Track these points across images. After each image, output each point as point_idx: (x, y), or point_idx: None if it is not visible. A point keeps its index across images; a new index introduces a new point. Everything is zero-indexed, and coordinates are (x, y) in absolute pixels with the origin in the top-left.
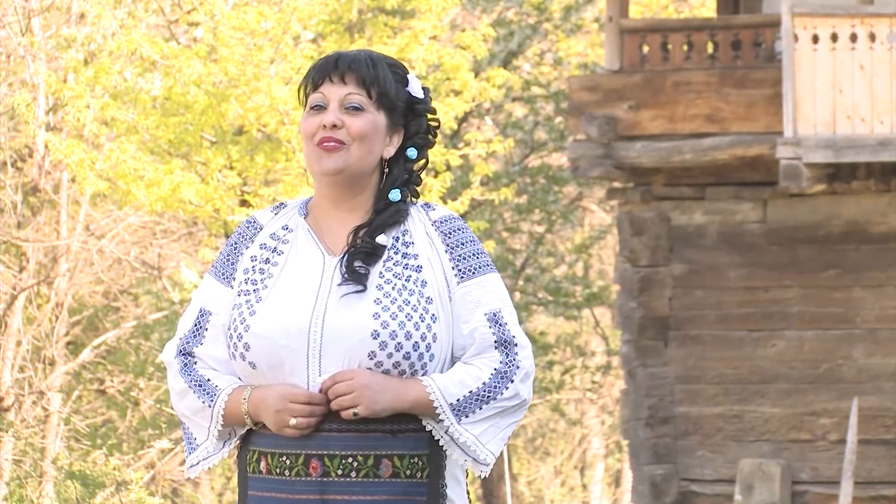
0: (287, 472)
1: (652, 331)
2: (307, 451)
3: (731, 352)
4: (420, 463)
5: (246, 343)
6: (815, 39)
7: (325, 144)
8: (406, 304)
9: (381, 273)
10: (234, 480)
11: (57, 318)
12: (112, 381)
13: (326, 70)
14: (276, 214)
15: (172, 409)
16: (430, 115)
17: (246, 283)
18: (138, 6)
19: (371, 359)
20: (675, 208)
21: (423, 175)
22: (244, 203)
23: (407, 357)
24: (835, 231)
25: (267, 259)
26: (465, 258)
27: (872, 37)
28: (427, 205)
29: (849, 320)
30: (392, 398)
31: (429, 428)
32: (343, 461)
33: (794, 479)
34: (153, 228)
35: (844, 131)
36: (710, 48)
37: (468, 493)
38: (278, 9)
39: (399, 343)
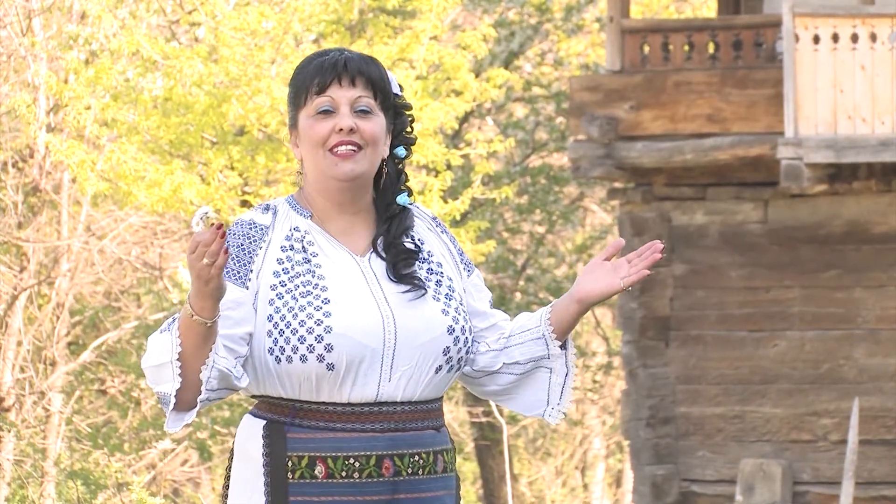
0: (356, 475)
1: (653, 331)
2: (378, 452)
3: (732, 352)
4: (453, 456)
5: (328, 344)
6: (817, 39)
7: (342, 149)
8: (452, 300)
9: (424, 275)
10: None
11: (58, 318)
12: (113, 381)
13: (336, 72)
14: (267, 214)
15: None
16: (406, 112)
17: (288, 285)
18: (139, 6)
19: (445, 354)
20: (676, 208)
21: (421, 173)
22: (245, 203)
23: (468, 350)
24: (836, 231)
25: (305, 260)
26: (461, 253)
27: (873, 37)
28: (414, 203)
29: (850, 320)
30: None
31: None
32: (411, 459)
33: (796, 479)
34: (154, 229)
35: (845, 131)
36: (711, 48)
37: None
38: (279, 9)
39: (466, 338)
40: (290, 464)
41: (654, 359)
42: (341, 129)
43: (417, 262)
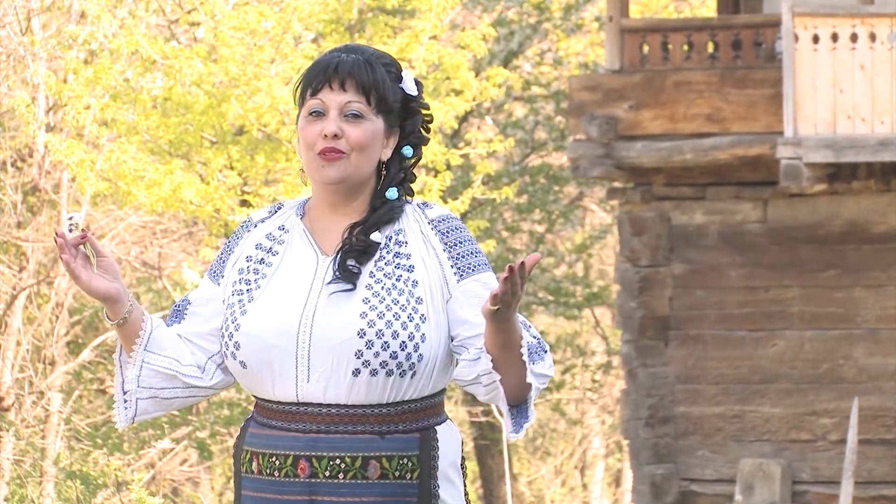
0: (276, 473)
1: (652, 331)
2: (295, 452)
3: (732, 351)
4: (410, 464)
5: (237, 342)
6: (816, 39)
7: (327, 155)
8: (395, 304)
9: (371, 272)
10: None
11: (57, 317)
12: (112, 380)
13: (326, 76)
14: (272, 214)
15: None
16: (423, 111)
17: (239, 282)
18: (139, 6)
19: (358, 357)
20: (676, 208)
21: (421, 173)
22: (244, 203)
23: (394, 356)
24: (835, 231)
25: (262, 259)
26: (463, 257)
27: (873, 37)
28: (424, 204)
29: (849, 320)
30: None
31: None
32: (331, 462)
33: (795, 478)
34: (153, 228)
35: (845, 131)
36: (710, 48)
37: (466, 493)
38: (279, 9)
39: (386, 342)
40: (242, 457)
41: (654, 358)
42: (326, 135)
43: (382, 261)
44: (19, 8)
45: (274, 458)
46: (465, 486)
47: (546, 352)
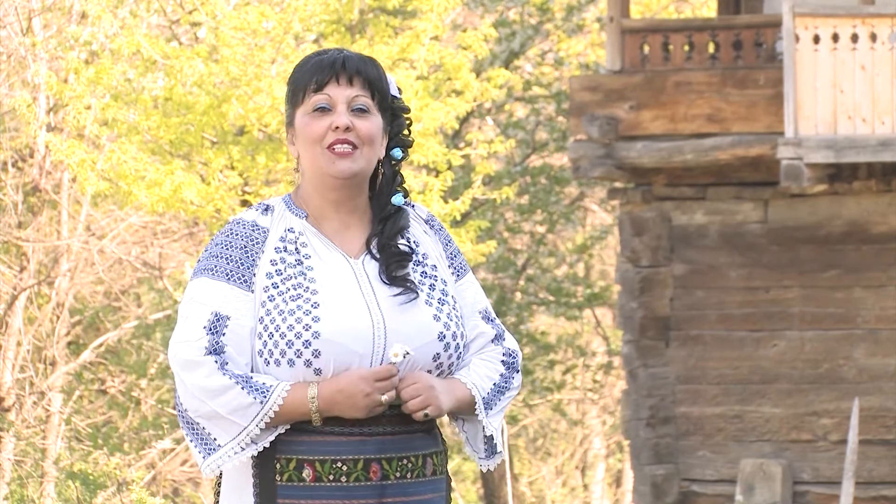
0: (344, 478)
1: (653, 331)
2: (366, 456)
3: (732, 352)
4: (443, 459)
5: (316, 350)
6: (817, 39)
7: (339, 148)
8: (445, 305)
9: (415, 278)
10: None
11: (58, 318)
12: (113, 381)
13: (334, 70)
14: (267, 215)
15: (178, 409)
16: (404, 114)
17: (280, 287)
18: (140, 6)
19: (435, 360)
20: (676, 208)
21: (421, 173)
22: (245, 203)
23: (459, 357)
24: (835, 231)
25: (297, 262)
26: (454, 256)
27: (873, 37)
28: (410, 203)
29: (849, 320)
30: (450, 398)
31: (455, 427)
32: (399, 463)
33: (796, 479)
34: (154, 229)
35: (845, 131)
36: (711, 48)
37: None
38: (280, 9)
39: (457, 344)
40: (278, 466)
41: (654, 359)
42: (337, 127)
43: (411, 265)
44: (20, 8)
45: (340, 464)
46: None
47: (509, 386)
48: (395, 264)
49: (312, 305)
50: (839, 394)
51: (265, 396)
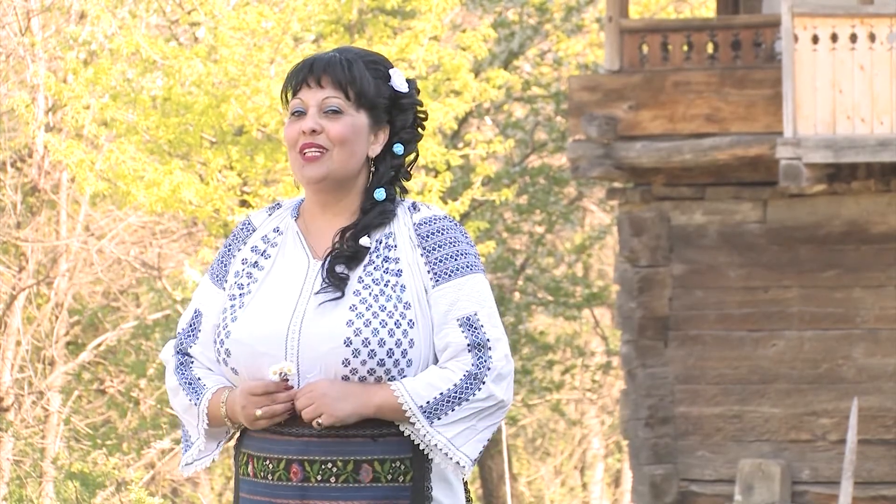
0: (270, 476)
1: (652, 331)
2: (288, 456)
3: (731, 352)
4: (402, 467)
5: (227, 349)
6: (815, 39)
7: (306, 152)
8: (382, 311)
9: (360, 278)
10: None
11: (57, 318)
12: (112, 381)
13: (303, 74)
14: (270, 215)
15: (172, 408)
16: (417, 109)
17: (234, 286)
18: (139, 6)
19: (346, 366)
20: (675, 208)
21: (420, 174)
22: (244, 203)
23: (382, 364)
24: (835, 231)
25: (255, 262)
26: (441, 261)
27: (872, 37)
28: (415, 205)
29: (849, 320)
30: (356, 404)
31: (406, 432)
32: (323, 466)
33: (794, 479)
34: (153, 229)
35: (844, 131)
36: (710, 48)
37: (468, 492)
38: (278, 9)
39: (372, 350)
40: (240, 459)
41: (653, 359)
42: (303, 132)
43: (372, 265)
44: (19, 8)
45: (268, 462)
46: (466, 487)
47: (466, 398)
48: (336, 260)
49: (239, 306)
50: (838, 394)
51: (198, 399)
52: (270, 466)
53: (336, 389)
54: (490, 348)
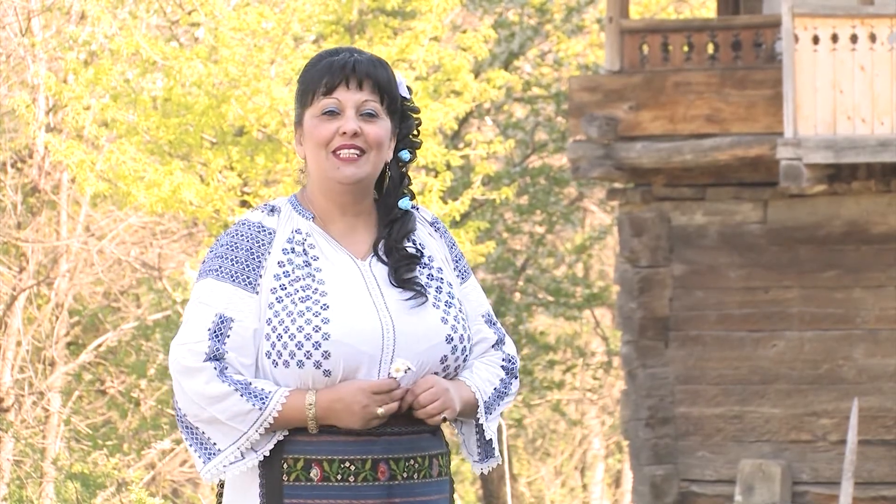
0: (352, 478)
1: (652, 331)
2: (374, 456)
3: (732, 352)
4: (447, 460)
5: (326, 351)
6: (816, 40)
7: (345, 153)
8: (452, 307)
9: (422, 281)
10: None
11: (57, 318)
12: (112, 381)
13: (344, 74)
14: (274, 216)
15: (177, 414)
16: (413, 115)
17: (288, 289)
18: (139, 7)
19: (442, 363)
20: (676, 209)
21: (421, 174)
22: (244, 204)
23: (465, 359)
24: (835, 231)
25: (305, 263)
26: (458, 259)
27: (873, 37)
28: (415, 206)
29: (849, 321)
30: (460, 401)
31: (454, 427)
32: (406, 464)
33: (795, 479)
34: (153, 229)
35: (845, 132)
36: (710, 49)
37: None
38: (279, 9)
39: (464, 346)
40: (285, 466)
41: (654, 359)
42: (345, 133)
43: (418, 268)
44: (19, 8)
45: (348, 464)
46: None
47: (507, 392)
48: (403, 267)
49: (322, 307)
50: (838, 394)
51: (264, 403)
52: (353, 468)
53: (451, 385)
54: (505, 343)
